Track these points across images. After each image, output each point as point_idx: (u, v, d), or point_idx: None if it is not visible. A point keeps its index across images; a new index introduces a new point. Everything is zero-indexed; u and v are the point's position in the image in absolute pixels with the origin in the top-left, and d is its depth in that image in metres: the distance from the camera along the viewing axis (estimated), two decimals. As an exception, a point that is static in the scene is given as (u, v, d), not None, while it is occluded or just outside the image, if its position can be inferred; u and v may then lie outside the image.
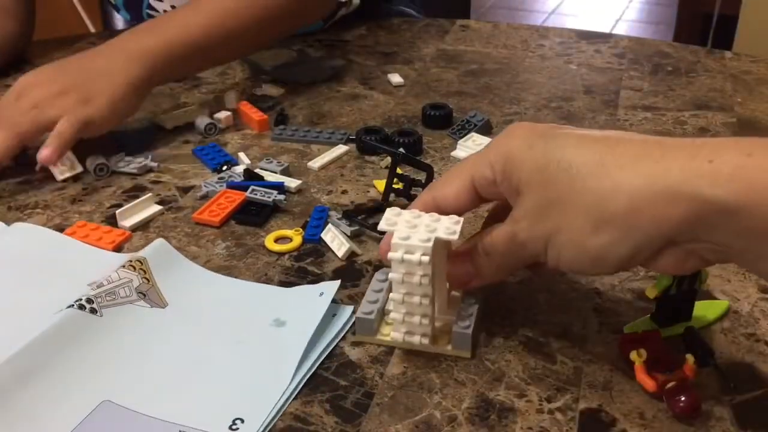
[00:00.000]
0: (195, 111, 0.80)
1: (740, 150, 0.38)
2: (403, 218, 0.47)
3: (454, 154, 0.73)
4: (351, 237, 0.60)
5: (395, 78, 0.90)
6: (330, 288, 0.52)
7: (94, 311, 0.50)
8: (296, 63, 0.93)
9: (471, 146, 0.73)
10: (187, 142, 0.76)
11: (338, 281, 0.53)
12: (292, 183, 0.67)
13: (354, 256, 0.58)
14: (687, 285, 0.48)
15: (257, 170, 0.69)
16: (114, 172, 0.70)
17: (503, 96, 0.87)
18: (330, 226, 0.61)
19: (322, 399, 0.45)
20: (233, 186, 0.66)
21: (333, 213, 0.63)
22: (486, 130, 0.77)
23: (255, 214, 0.63)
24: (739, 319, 0.52)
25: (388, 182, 0.64)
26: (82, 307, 0.49)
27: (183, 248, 0.59)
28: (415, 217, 0.47)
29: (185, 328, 0.51)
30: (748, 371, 0.47)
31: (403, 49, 1.01)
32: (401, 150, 0.65)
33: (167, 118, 0.79)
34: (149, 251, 0.56)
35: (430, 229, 0.45)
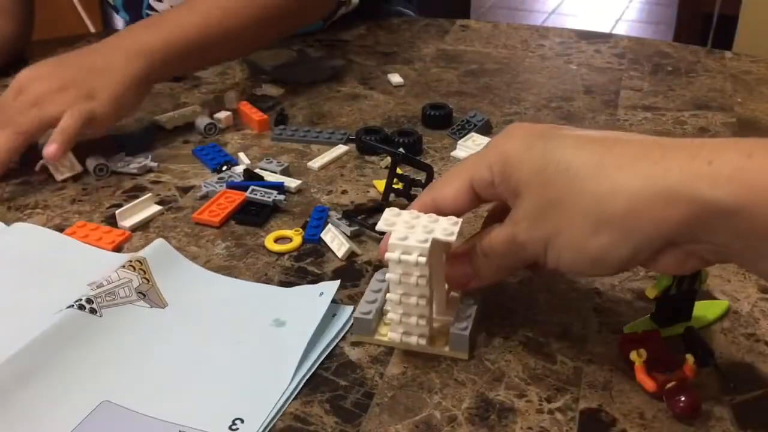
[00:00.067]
0: (195, 111, 0.80)
1: (740, 151, 0.37)
2: (402, 219, 0.47)
3: (454, 154, 0.73)
4: (351, 237, 0.60)
5: (395, 78, 0.90)
6: (330, 288, 0.52)
7: (93, 311, 0.50)
8: (296, 63, 0.93)
9: (471, 146, 0.73)
10: (187, 142, 0.76)
11: (338, 281, 0.53)
12: (292, 183, 0.67)
13: (354, 256, 0.58)
14: (687, 285, 0.48)
15: (257, 170, 0.69)
16: (114, 172, 0.70)
17: (503, 96, 0.87)
18: (330, 226, 0.61)
19: (322, 399, 0.45)
20: (233, 186, 0.66)
21: (333, 213, 0.63)
22: (486, 130, 0.77)
23: (255, 214, 0.63)
24: (739, 319, 0.52)
25: (388, 182, 0.64)
26: (81, 308, 0.49)
27: (183, 248, 0.59)
28: (413, 217, 0.47)
29: (185, 328, 0.51)
30: (748, 371, 0.47)
31: (403, 49, 1.01)
32: (401, 150, 0.65)
33: (167, 118, 0.79)
34: (149, 251, 0.56)
35: (428, 230, 0.45)
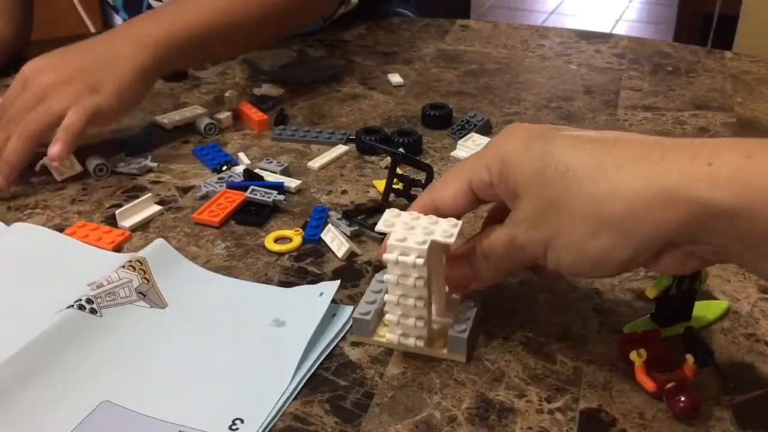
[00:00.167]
0: (195, 111, 0.80)
1: (740, 152, 0.37)
2: (401, 220, 0.47)
3: (453, 154, 0.73)
4: (351, 237, 0.60)
5: (395, 78, 0.90)
6: (330, 288, 0.52)
7: (93, 311, 0.50)
8: (296, 63, 0.93)
9: (471, 146, 0.73)
10: (186, 142, 0.76)
11: (338, 281, 0.53)
12: (291, 183, 0.67)
13: (354, 256, 0.58)
14: (687, 285, 0.48)
15: (257, 170, 0.69)
16: (114, 172, 0.70)
17: (503, 96, 0.87)
18: (330, 226, 0.61)
19: (321, 399, 0.45)
20: (233, 186, 0.66)
21: (333, 213, 0.63)
22: (486, 130, 0.77)
23: (255, 215, 0.63)
24: (739, 319, 0.52)
25: (387, 182, 0.64)
26: (81, 308, 0.49)
27: (183, 248, 0.59)
28: (413, 218, 0.47)
29: (185, 329, 0.51)
30: (748, 371, 0.47)
31: (403, 49, 1.01)
32: (401, 150, 0.65)
33: (167, 119, 0.79)
34: (149, 251, 0.56)
35: (427, 231, 0.45)
